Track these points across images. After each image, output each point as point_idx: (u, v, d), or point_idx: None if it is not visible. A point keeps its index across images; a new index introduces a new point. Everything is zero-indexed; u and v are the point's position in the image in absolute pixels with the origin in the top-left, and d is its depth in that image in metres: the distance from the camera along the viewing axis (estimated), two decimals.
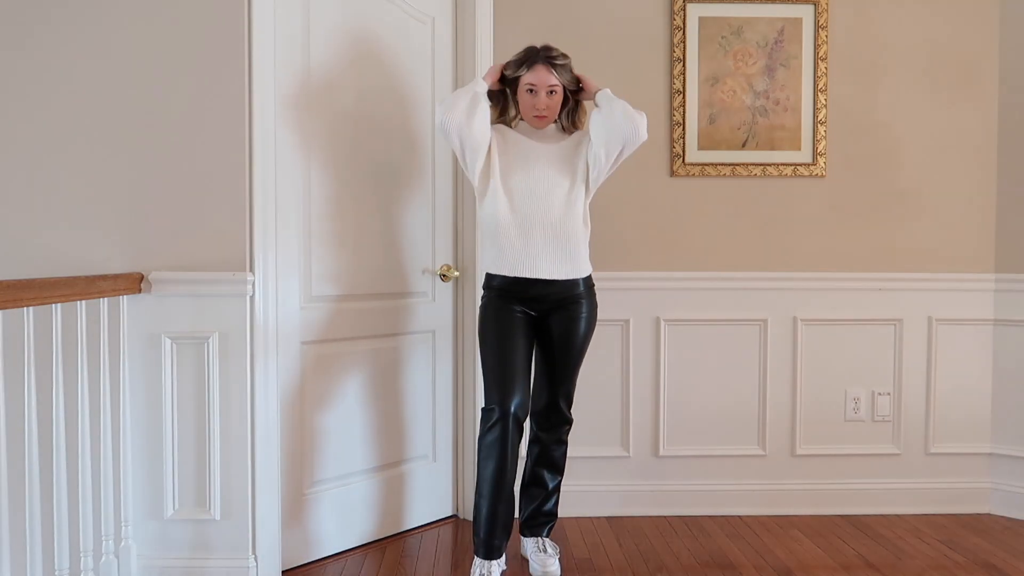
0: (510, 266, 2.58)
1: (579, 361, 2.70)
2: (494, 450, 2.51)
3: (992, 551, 2.95)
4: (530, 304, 2.61)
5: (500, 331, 2.58)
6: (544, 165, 2.60)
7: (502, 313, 2.60)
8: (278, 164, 2.66)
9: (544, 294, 2.60)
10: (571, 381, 2.71)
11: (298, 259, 2.75)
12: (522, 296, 2.60)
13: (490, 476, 2.53)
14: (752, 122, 3.31)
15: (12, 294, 1.99)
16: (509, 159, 2.62)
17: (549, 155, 2.63)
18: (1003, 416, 3.36)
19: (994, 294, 3.35)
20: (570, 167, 2.62)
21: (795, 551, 2.94)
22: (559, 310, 2.63)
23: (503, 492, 2.54)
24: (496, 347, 2.57)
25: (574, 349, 2.66)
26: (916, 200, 3.36)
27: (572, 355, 2.67)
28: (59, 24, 2.54)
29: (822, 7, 3.29)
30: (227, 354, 2.57)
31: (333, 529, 2.89)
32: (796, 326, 3.34)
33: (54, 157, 2.55)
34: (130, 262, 2.55)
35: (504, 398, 2.51)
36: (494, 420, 2.51)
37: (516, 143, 2.65)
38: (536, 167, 2.60)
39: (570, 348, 2.65)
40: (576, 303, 2.64)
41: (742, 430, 3.35)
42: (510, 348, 2.56)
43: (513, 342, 2.57)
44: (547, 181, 2.59)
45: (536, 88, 2.59)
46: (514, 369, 2.54)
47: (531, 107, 2.62)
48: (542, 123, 2.65)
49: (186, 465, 2.59)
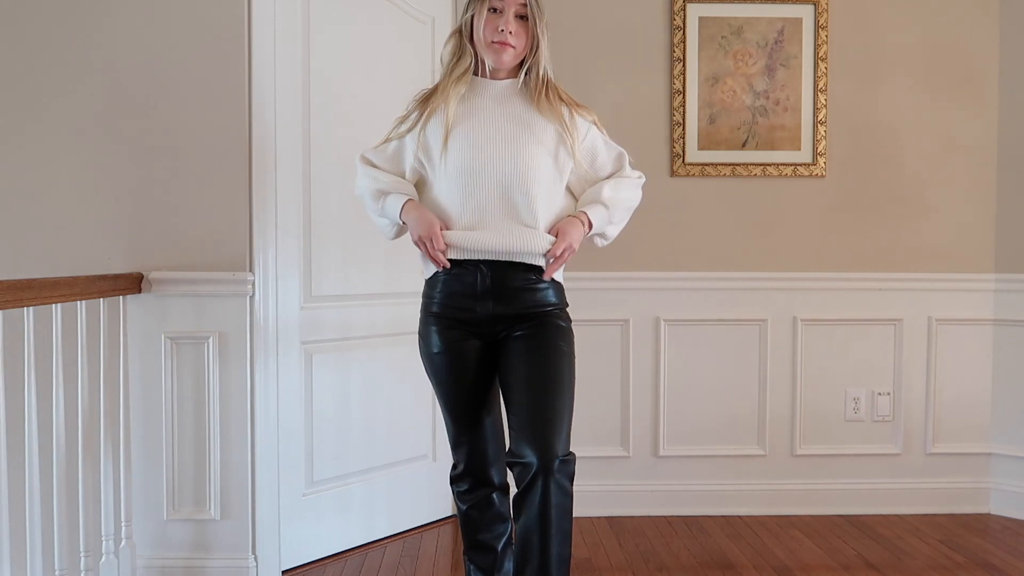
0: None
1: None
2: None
3: (992, 551, 2.94)
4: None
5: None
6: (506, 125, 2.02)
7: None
8: (278, 164, 2.66)
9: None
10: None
11: (298, 259, 2.75)
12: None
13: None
14: (752, 122, 3.31)
15: (12, 294, 1.99)
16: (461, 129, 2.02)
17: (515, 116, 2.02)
18: (1003, 416, 3.36)
19: (994, 294, 3.35)
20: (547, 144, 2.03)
21: (795, 551, 2.94)
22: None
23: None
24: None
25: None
26: (916, 200, 3.36)
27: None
28: (59, 24, 2.54)
29: (822, 7, 3.29)
30: (227, 354, 2.57)
31: (333, 529, 2.89)
32: (796, 326, 3.33)
33: (54, 157, 2.55)
34: (130, 262, 2.55)
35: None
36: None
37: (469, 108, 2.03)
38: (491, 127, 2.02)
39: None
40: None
41: (742, 430, 3.35)
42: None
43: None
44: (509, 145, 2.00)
45: (503, 6, 1.98)
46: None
47: (493, 30, 1.98)
48: (503, 54, 1.99)
49: (186, 465, 2.58)
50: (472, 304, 2.00)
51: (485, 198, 1.97)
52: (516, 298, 2.00)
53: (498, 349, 2.04)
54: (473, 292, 2.00)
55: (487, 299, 1.99)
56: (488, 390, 2.08)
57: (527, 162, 1.97)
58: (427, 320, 2.07)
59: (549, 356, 1.97)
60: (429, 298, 2.07)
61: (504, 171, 1.96)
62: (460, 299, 2.01)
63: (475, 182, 1.97)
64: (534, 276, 2.01)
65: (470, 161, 1.96)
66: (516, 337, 2.00)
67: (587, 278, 3.20)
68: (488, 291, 1.99)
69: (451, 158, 1.98)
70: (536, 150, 1.99)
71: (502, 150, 1.97)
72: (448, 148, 1.98)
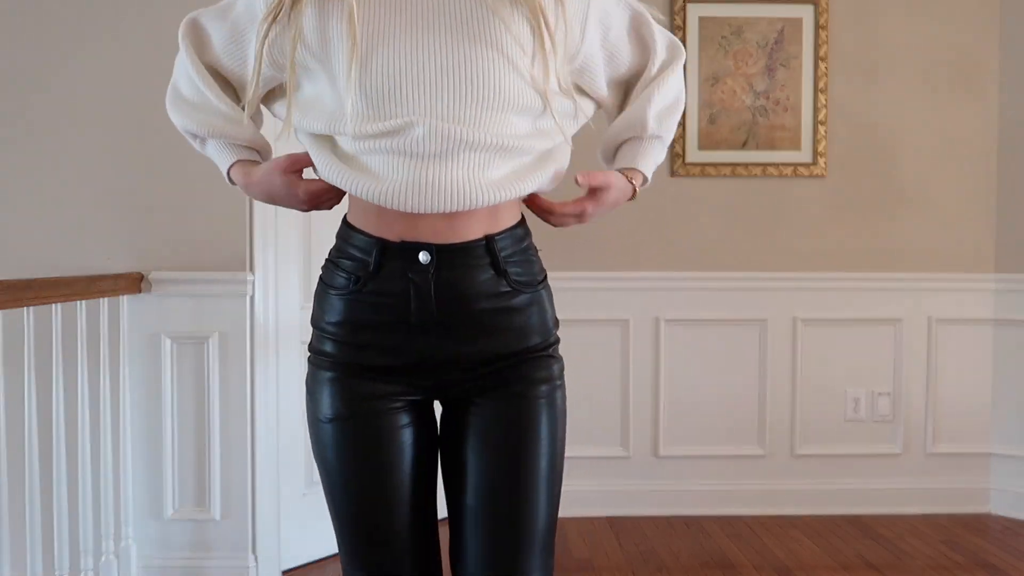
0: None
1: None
2: None
3: (992, 551, 2.94)
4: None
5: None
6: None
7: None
8: None
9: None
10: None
11: (298, 259, 2.75)
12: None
13: None
14: (752, 122, 3.31)
15: (12, 294, 1.99)
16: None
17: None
18: (1003, 416, 3.35)
19: (994, 294, 3.35)
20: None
21: (795, 551, 2.94)
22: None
23: None
24: None
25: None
26: (916, 200, 3.36)
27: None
28: (60, 25, 2.54)
29: (822, 7, 3.29)
30: (227, 354, 2.57)
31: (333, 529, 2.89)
32: (796, 326, 3.33)
33: (54, 157, 2.55)
34: (130, 262, 2.55)
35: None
36: None
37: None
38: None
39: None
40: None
41: (742, 430, 3.35)
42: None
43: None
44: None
45: None
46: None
47: None
48: None
49: (186, 465, 2.58)
50: (400, 340, 1.16)
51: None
52: (480, 325, 1.16)
53: (449, 411, 1.23)
54: (402, 315, 1.15)
55: (429, 329, 1.15)
56: (428, 491, 1.22)
57: (482, 84, 1.10)
58: (318, 363, 1.20)
59: (531, 448, 1.18)
60: (319, 327, 1.21)
61: (442, 101, 1.09)
62: (376, 332, 1.16)
63: (397, 110, 1.09)
64: (513, 265, 1.18)
65: (390, 82, 1.09)
66: (477, 405, 1.19)
67: (587, 278, 3.20)
68: (431, 313, 1.14)
69: (357, 73, 1.08)
70: (495, 64, 1.10)
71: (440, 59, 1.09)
72: (356, 56, 1.08)
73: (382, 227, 1.14)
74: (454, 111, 1.09)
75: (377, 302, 1.15)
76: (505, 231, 1.17)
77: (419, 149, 1.08)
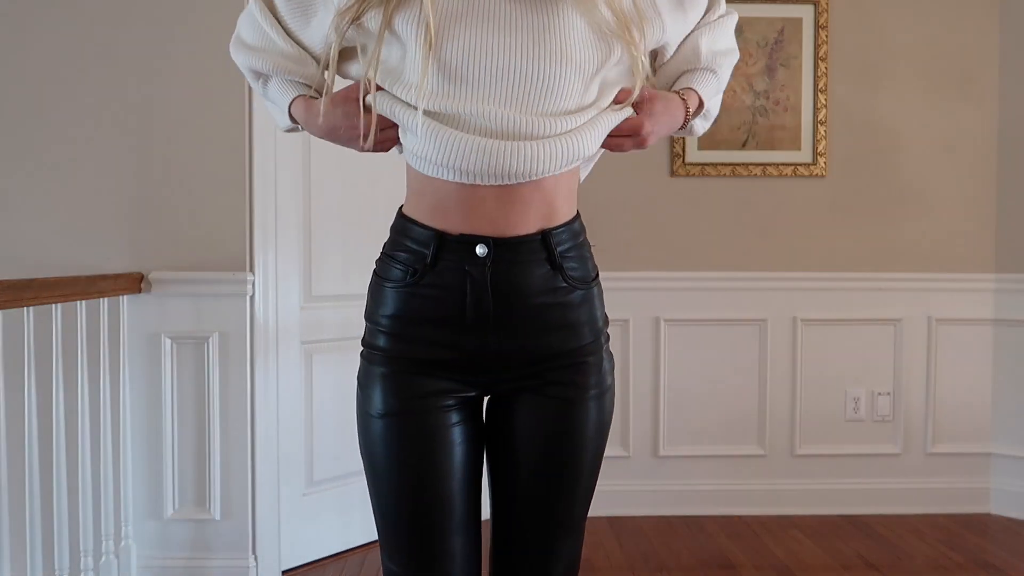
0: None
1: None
2: None
3: (992, 551, 2.94)
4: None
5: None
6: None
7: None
8: (278, 163, 2.66)
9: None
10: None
11: (298, 259, 2.75)
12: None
13: None
14: (752, 122, 3.31)
15: (12, 294, 1.99)
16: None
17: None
18: (1003, 416, 3.36)
19: (994, 294, 3.35)
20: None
21: (795, 551, 2.94)
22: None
23: None
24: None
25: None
26: (916, 200, 3.36)
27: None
28: (60, 25, 2.54)
29: (822, 7, 3.29)
30: (227, 354, 2.57)
31: (333, 529, 2.89)
32: (796, 326, 3.33)
33: (54, 157, 2.55)
34: (130, 262, 2.55)
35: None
36: None
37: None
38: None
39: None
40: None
41: (742, 430, 3.35)
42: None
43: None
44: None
45: None
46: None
47: None
48: None
49: (186, 465, 2.58)
50: (455, 334, 1.16)
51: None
52: (534, 320, 1.16)
53: (497, 404, 1.23)
54: (457, 309, 1.15)
55: (484, 323, 1.16)
56: (474, 490, 1.22)
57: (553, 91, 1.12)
58: (370, 358, 1.22)
59: (577, 450, 1.20)
60: (372, 320, 1.21)
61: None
62: (431, 325, 1.17)
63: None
64: (569, 260, 1.18)
65: (463, 64, 1.11)
66: (527, 401, 1.20)
67: None
68: (486, 307, 1.15)
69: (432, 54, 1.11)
70: (569, 76, 1.12)
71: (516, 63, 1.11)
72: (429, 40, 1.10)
73: (439, 219, 1.15)
74: (521, 98, 1.10)
75: (433, 295, 1.15)
76: (562, 225, 1.17)
77: (487, 126, 1.09)
